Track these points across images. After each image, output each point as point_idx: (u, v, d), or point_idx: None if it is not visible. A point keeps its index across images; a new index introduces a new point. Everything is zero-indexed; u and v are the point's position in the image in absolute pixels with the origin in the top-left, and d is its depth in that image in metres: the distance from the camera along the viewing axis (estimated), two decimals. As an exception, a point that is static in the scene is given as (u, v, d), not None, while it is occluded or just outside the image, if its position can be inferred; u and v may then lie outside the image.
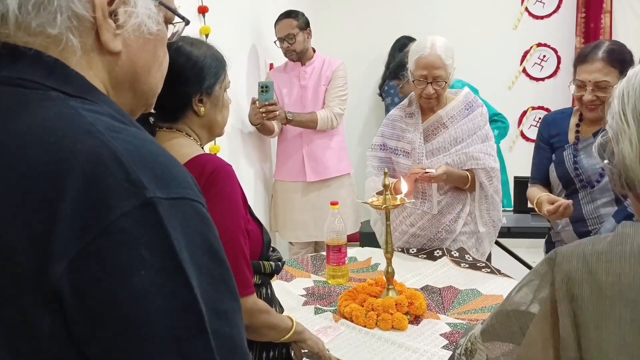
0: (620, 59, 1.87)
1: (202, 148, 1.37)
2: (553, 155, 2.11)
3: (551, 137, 2.13)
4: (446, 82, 2.17)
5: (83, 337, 0.55)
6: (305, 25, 3.11)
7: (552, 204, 1.97)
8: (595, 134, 1.95)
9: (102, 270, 0.54)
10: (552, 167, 2.10)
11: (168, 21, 0.77)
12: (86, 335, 0.55)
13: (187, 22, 0.82)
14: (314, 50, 3.24)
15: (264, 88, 2.88)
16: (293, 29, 3.07)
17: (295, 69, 3.21)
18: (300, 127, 3.14)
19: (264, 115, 2.88)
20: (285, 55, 3.15)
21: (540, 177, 2.18)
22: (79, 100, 0.63)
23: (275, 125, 3.12)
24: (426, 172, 2.10)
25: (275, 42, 3.14)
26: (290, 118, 3.06)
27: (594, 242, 0.84)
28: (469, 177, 2.22)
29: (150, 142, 0.63)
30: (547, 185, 2.16)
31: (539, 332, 0.83)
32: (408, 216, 2.30)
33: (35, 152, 0.57)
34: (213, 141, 2.25)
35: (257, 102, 2.89)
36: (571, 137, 2.07)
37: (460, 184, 2.24)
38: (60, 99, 0.63)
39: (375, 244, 2.50)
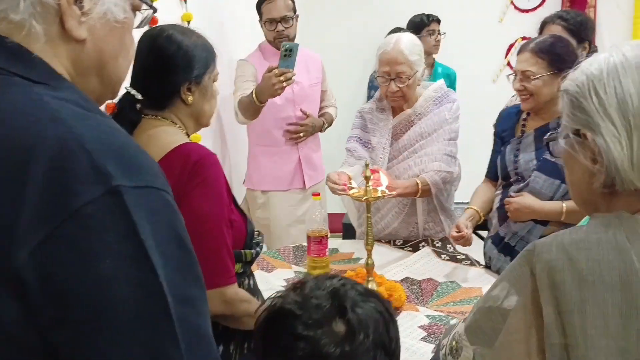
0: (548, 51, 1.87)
1: (188, 137, 1.37)
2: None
3: (502, 131, 2.11)
4: (410, 79, 2.09)
5: (47, 323, 0.55)
6: (295, 10, 2.73)
7: (459, 230, 1.97)
8: (537, 130, 1.95)
9: (68, 257, 0.54)
10: (497, 161, 2.08)
11: (135, 8, 0.76)
12: (50, 321, 0.55)
13: (154, 10, 0.81)
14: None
15: (287, 52, 2.32)
16: (289, 10, 2.66)
17: (276, 57, 2.57)
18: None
19: (284, 84, 2.37)
20: (275, 40, 2.67)
21: (491, 172, 2.17)
22: (43, 87, 0.63)
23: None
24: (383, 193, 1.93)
25: (264, 22, 2.68)
26: (325, 128, 2.88)
27: (570, 232, 0.85)
28: (418, 185, 2.08)
29: (116, 130, 0.63)
30: (496, 180, 2.12)
31: (520, 321, 0.83)
32: (383, 217, 2.27)
33: (1, 137, 0.57)
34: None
35: (275, 69, 2.35)
36: (517, 132, 2.04)
37: (412, 196, 2.12)
38: (24, 85, 0.62)
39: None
